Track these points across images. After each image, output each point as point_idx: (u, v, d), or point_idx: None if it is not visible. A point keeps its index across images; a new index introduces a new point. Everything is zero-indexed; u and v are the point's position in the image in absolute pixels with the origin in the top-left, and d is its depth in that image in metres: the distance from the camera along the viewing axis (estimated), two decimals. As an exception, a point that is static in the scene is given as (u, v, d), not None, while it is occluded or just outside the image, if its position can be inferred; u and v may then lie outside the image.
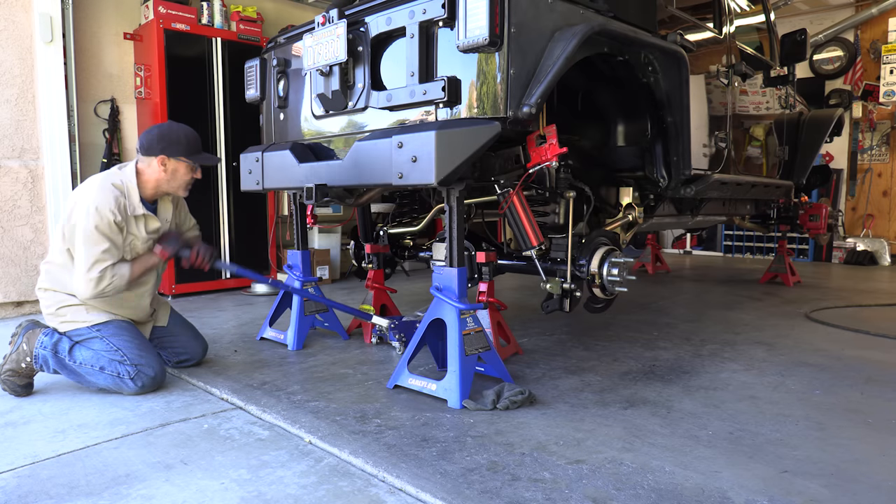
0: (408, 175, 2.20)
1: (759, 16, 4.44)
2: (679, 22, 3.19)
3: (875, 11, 7.05)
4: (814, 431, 2.04)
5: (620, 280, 2.60)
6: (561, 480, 1.69)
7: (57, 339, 2.41)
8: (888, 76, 6.84)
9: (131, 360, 2.40)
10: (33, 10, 4.02)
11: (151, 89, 4.70)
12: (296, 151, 2.88)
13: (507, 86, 2.18)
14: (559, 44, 2.28)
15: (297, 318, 3.13)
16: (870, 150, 7.31)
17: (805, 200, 5.45)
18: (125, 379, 2.39)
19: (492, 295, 2.84)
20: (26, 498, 1.61)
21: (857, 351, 3.08)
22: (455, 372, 2.25)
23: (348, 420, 2.13)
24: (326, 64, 2.64)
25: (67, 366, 2.41)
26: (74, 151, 4.22)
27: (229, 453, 1.88)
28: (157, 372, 2.46)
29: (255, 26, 5.09)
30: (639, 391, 2.45)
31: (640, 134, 3.06)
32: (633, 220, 3.15)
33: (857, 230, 7.36)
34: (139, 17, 4.88)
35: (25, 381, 2.43)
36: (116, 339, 2.43)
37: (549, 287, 2.56)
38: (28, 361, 2.41)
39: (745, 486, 1.65)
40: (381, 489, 1.65)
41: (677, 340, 3.31)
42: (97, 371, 2.38)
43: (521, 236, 2.57)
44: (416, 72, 2.33)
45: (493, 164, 2.52)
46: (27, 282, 4.07)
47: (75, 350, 2.41)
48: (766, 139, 4.35)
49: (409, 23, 2.35)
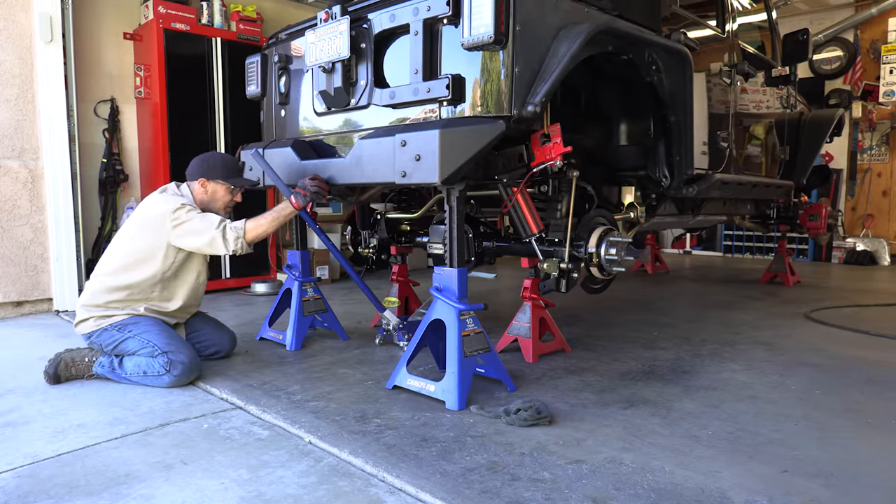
0: (411, 174, 2.19)
1: (762, 14, 4.44)
2: (682, 20, 3.19)
3: (875, 11, 7.05)
4: (814, 431, 2.04)
5: (618, 259, 2.60)
6: (561, 480, 1.69)
7: (110, 360, 2.59)
8: (888, 76, 6.84)
9: (161, 349, 2.51)
10: (33, 10, 4.01)
11: (151, 89, 4.70)
12: (297, 148, 2.87)
13: (511, 84, 2.18)
14: (564, 42, 2.27)
15: (295, 319, 3.13)
16: (869, 150, 7.31)
17: (805, 200, 5.45)
18: (161, 376, 2.51)
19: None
20: (26, 498, 1.61)
21: (857, 351, 3.08)
22: (454, 373, 2.25)
23: (348, 420, 2.13)
24: (329, 60, 2.64)
25: (121, 376, 2.57)
26: (74, 151, 4.21)
27: (229, 453, 1.88)
28: (189, 358, 2.55)
29: (255, 26, 5.09)
30: (639, 391, 2.45)
31: (643, 133, 3.06)
32: (635, 219, 3.15)
33: (856, 230, 7.37)
34: (139, 17, 4.87)
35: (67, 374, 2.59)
36: (147, 334, 2.56)
37: (546, 267, 2.56)
38: (87, 363, 2.60)
39: (744, 486, 1.65)
40: (380, 489, 1.65)
41: (677, 340, 3.31)
42: (142, 376, 2.53)
43: (522, 225, 2.57)
44: (420, 69, 2.33)
45: (497, 163, 2.52)
46: (27, 282, 4.06)
47: (123, 363, 2.57)
48: (766, 139, 4.34)
49: (413, 20, 2.35)
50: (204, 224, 2.59)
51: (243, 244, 2.62)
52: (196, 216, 2.60)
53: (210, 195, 2.77)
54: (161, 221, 2.59)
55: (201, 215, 2.62)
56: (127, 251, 2.63)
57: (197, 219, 2.60)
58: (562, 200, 2.71)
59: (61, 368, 2.56)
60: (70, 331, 3.53)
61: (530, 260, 2.81)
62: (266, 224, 2.68)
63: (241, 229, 2.61)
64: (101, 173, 4.75)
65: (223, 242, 2.58)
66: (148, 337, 2.55)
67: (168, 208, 2.59)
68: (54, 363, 2.56)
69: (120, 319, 2.59)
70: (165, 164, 4.64)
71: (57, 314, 4.10)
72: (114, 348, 2.58)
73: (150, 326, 2.59)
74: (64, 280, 4.16)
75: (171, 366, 2.49)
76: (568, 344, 3.07)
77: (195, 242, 2.60)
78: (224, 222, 2.62)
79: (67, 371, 2.58)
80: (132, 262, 2.61)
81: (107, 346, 2.59)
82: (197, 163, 2.79)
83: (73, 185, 4.19)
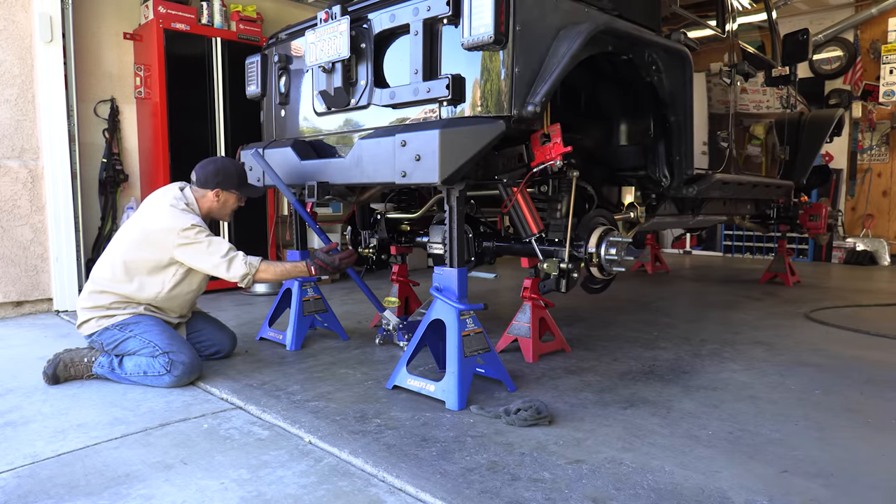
0: (411, 174, 2.19)
1: (762, 14, 4.44)
2: (682, 20, 3.19)
3: (875, 11, 7.05)
4: (813, 431, 2.04)
5: (618, 259, 2.60)
6: (560, 480, 1.69)
7: (110, 360, 2.58)
8: (888, 76, 6.84)
9: (162, 349, 2.51)
10: (33, 10, 4.01)
11: (151, 89, 4.70)
12: (297, 148, 2.87)
13: (511, 84, 2.18)
14: (564, 42, 2.27)
15: (295, 319, 3.13)
16: (869, 150, 7.30)
17: (805, 200, 5.45)
18: (162, 376, 2.51)
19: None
20: (26, 498, 1.61)
21: (856, 351, 3.08)
22: (454, 373, 2.25)
23: (348, 420, 2.13)
24: (329, 60, 2.64)
25: (120, 376, 2.56)
26: (74, 151, 4.21)
27: (229, 453, 1.88)
28: (191, 359, 2.55)
29: (255, 26, 5.09)
30: (638, 391, 2.45)
31: (643, 133, 3.06)
32: (635, 219, 3.15)
33: (856, 230, 7.36)
34: (139, 17, 4.87)
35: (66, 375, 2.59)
36: (147, 334, 2.56)
37: (546, 267, 2.56)
38: (86, 363, 2.60)
39: (744, 486, 1.65)
40: (380, 489, 1.65)
41: (677, 340, 3.31)
42: (143, 376, 2.53)
43: (522, 225, 2.57)
44: (420, 69, 2.33)
45: (497, 163, 2.52)
46: (27, 282, 4.06)
47: (123, 362, 2.56)
48: (766, 139, 4.34)
49: (413, 20, 2.34)
50: (211, 249, 2.57)
51: (250, 281, 2.62)
52: (205, 240, 2.57)
53: (221, 204, 2.79)
54: (165, 236, 2.56)
55: (209, 240, 2.58)
56: (128, 259, 2.60)
57: (205, 243, 2.57)
58: (562, 200, 2.71)
59: (60, 369, 2.56)
60: (70, 331, 3.54)
61: (530, 260, 2.81)
62: (278, 274, 2.73)
63: (254, 267, 2.61)
64: (101, 173, 4.76)
65: (226, 272, 2.57)
66: (149, 337, 2.55)
67: (176, 226, 2.55)
68: (53, 364, 2.56)
69: (121, 319, 2.59)
70: (165, 164, 4.64)
71: (57, 314, 4.10)
72: (114, 348, 2.58)
73: (151, 326, 2.59)
74: (64, 280, 4.16)
75: (171, 366, 2.49)
76: (568, 344, 3.07)
77: (198, 264, 2.60)
78: (231, 252, 2.60)
79: (66, 371, 2.58)
80: (133, 272, 2.61)
81: (107, 345, 2.59)
82: (211, 171, 2.74)
83: (73, 184, 4.19)
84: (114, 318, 2.59)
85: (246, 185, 2.85)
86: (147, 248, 2.60)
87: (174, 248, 2.57)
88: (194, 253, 2.57)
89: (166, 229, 2.56)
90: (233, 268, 2.57)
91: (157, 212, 2.63)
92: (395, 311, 3.14)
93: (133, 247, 2.62)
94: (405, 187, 3.32)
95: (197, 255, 2.57)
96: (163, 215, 2.60)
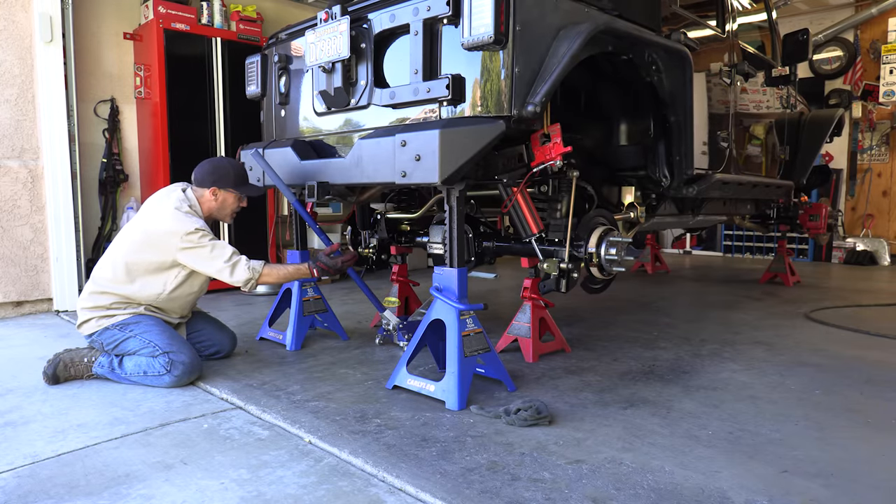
0: (411, 174, 2.19)
1: (762, 14, 4.44)
2: (682, 20, 3.19)
3: (875, 11, 7.05)
4: (813, 431, 2.04)
5: (618, 259, 2.60)
6: (560, 480, 1.69)
7: (110, 360, 2.58)
8: (888, 76, 6.84)
9: (162, 349, 2.51)
10: (33, 10, 4.01)
11: (151, 89, 4.70)
12: (297, 148, 2.87)
13: (511, 84, 2.18)
14: (564, 42, 2.27)
15: (295, 319, 3.13)
16: (869, 150, 7.30)
17: (805, 200, 5.45)
18: (162, 376, 2.51)
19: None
20: (26, 498, 1.61)
21: (856, 351, 3.08)
22: (454, 373, 2.25)
23: (348, 420, 2.13)
24: (329, 60, 2.64)
25: (120, 376, 2.57)
26: (74, 151, 4.21)
27: (229, 453, 1.88)
28: (191, 359, 2.55)
29: (255, 26, 5.09)
30: (638, 391, 2.45)
31: (643, 133, 3.06)
32: (635, 219, 3.15)
33: (856, 230, 7.36)
34: (139, 17, 4.87)
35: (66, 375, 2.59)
36: (148, 334, 2.57)
37: (546, 267, 2.56)
38: (86, 363, 2.60)
39: (744, 486, 1.65)
40: (380, 489, 1.65)
41: (677, 340, 3.31)
42: (143, 376, 2.53)
43: (522, 225, 2.57)
44: (420, 69, 2.33)
45: (497, 163, 2.52)
46: (27, 282, 4.06)
47: (123, 362, 2.56)
48: (766, 139, 4.34)
49: (413, 20, 2.35)
50: (214, 254, 2.57)
51: (253, 285, 2.61)
52: (208, 244, 2.57)
53: (220, 203, 2.77)
54: (168, 239, 2.56)
55: (213, 244, 2.58)
56: (130, 261, 2.60)
57: (209, 247, 2.57)
58: (562, 200, 2.71)
59: (60, 369, 2.56)
60: (70, 331, 3.54)
61: (530, 260, 2.81)
62: (281, 277, 2.74)
63: (257, 272, 2.60)
64: (101, 173, 4.76)
65: (229, 277, 2.58)
66: (149, 337, 2.55)
67: (180, 229, 2.55)
68: (53, 364, 2.56)
69: (121, 319, 2.59)
70: (165, 164, 4.64)
71: (57, 314, 4.10)
72: (114, 347, 2.58)
73: (151, 326, 2.59)
74: (64, 280, 4.16)
75: (172, 366, 2.49)
76: (568, 344, 3.07)
77: (200, 268, 2.60)
78: (234, 257, 2.58)
79: (66, 371, 2.58)
80: (135, 273, 2.61)
81: (108, 345, 2.59)
82: (208, 170, 2.75)
83: (73, 184, 4.19)
84: (114, 318, 2.59)
85: (244, 185, 2.84)
86: (149, 250, 2.60)
87: (177, 252, 2.57)
88: (197, 257, 2.57)
89: (170, 232, 2.56)
90: (236, 273, 2.57)
91: (160, 214, 2.62)
92: (395, 311, 3.14)
93: (135, 248, 2.61)
94: (405, 187, 3.32)
95: (200, 259, 2.57)
96: (166, 218, 2.59)
